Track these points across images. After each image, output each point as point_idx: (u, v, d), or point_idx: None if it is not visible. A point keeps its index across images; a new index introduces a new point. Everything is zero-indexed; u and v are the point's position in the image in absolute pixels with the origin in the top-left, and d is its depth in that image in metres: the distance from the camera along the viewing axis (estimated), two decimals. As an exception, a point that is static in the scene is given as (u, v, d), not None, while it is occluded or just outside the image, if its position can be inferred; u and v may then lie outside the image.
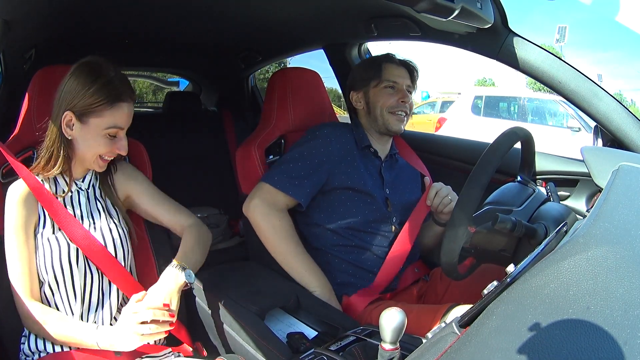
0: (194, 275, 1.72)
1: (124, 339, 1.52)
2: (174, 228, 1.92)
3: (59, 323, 1.58)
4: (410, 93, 2.19)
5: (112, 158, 1.70)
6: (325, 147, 2.01)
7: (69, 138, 1.63)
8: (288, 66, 4.03)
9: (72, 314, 1.65)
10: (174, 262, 1.71)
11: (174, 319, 1.57)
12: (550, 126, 10.58)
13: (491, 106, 11.64)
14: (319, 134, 2.04)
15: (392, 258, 2.01)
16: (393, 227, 2.07)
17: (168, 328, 1.56)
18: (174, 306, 1.59)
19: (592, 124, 1.92)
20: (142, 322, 1.50)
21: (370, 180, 2.06)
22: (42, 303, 1.61)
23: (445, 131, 10.69)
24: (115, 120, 1.62)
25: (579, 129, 9.70)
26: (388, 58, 2.19)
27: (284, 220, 1.99)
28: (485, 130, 8.59)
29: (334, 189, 2.02)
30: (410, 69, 2.19)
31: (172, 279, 1.64)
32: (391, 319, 1.03)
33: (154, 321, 1.51)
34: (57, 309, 1.64)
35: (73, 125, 1.61)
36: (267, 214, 1.97)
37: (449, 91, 24.54)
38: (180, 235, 1.89)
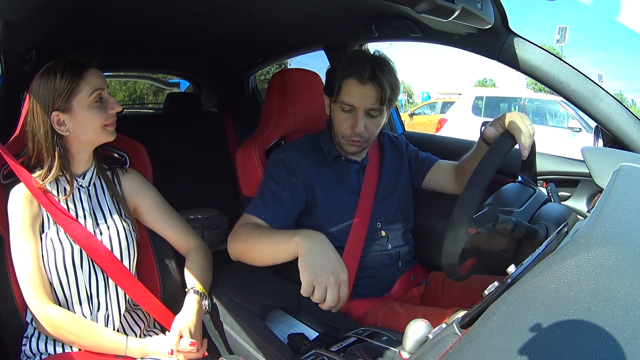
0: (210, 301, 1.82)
1: None
2: (178, 247, 1.96)
3: (87, 331, 1.62)
4: (375, 116, 1.90)
5: (115, 121, 1.71)
6: (292, 170, 1.92)
7: (66, 134, 1.64)
8: (289, 67, 4.04)
9: (84, 315, 1.67)
10: (198, 289, 1.79)
11: (202, 346, 1.69)
12: (550, 127, 10.59)
13: (492, 107, 11.64)
14: (284, 157, 1.95)
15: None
16: (383, 232, 2.02)
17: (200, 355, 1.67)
18: (200, 335, 1.71)
19: (593, 124, 1.92)
20: None
21: (347, 194, 1.99)
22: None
23: (445, 132, 10.69)
24: (92, 85, 1.63)
25: (580, 129, 9.76)
26: (353, 73, 1.86)
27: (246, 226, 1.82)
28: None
29: (316, 207, 1.94)
30: (380, 86, 1.85)
31: (198, 309, 1.74)
32: (417, 330, 1.04)
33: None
34: (68, 309, 1.65)
35: (63, 121, 1.62)
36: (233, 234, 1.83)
37: (449, 92, 24.56)
38: (183, 254, 1.94)
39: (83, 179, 1.75)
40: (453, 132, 10.08)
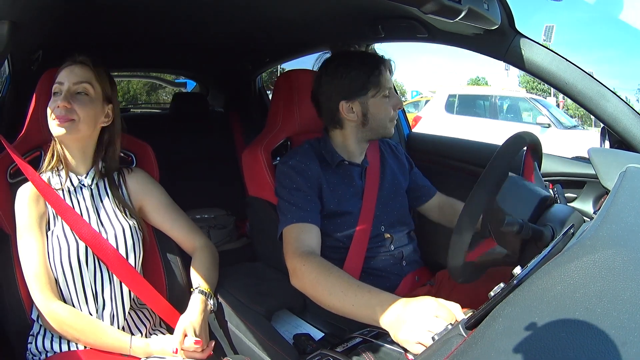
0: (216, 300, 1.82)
1: None
2: (184, 246, 1.96)
3: (92, 328, 1.63)
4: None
5: (61, 117, 1.65)
6: (304, 174, 1.91)
7: None
8: (280, 71, 4.08)
9: (89, 313, 1.68)
10: (203, 288, 1.79)
11: (207, 346, 1.69)
12: (520, 123, 11.26)
13: (464, 105, 12.22)
14: (292, 164, 1.94)
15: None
16: (387, 235, 2.00)
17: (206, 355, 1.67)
18: (205, 334, 1.71)
19: (564, 120, 1.91)
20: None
21: (352, 197, 1.98)
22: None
23: (420, 129, 10.91)
24: (58, 78, 1.68)
25: (549, 125, 10.56)
26: (385, 62, 2.01)
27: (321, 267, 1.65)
28: (457, 128, 10.08)
29: (322, 209, 1.92)
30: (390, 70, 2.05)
31: (203, 309, 1.74)
32: None
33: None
34: (73, 307, 1.67)
35: None
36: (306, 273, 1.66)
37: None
38: (190, 253, 1.94)
39: (86, 177, 1.77)
40: (426, 129, 10.53)
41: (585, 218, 1.54)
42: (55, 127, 1.64)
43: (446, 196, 2.27)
